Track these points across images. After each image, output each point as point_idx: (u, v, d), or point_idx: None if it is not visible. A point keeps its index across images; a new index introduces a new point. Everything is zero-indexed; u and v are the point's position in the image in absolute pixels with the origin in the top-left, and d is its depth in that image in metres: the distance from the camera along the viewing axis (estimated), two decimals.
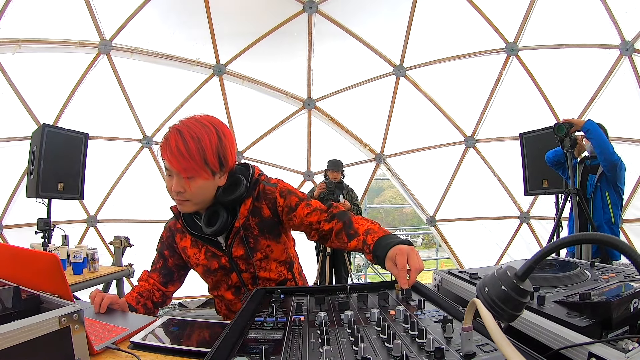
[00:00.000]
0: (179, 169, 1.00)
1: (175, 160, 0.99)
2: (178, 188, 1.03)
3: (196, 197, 1.06)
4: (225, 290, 1.21)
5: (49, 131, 3.06)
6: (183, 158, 0.99)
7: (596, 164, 2.67)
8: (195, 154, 0.99)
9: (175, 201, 1.10)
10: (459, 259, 5.07)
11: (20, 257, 0.93)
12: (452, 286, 0.97)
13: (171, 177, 1.04)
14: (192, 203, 1.07)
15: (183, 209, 1.10)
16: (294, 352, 0.55)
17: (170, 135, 1.02)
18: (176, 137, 1.00)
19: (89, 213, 4.59)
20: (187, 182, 1.02)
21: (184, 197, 1.05)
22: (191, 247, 1.19)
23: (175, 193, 1.05)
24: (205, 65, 4.46)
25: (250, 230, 1.14)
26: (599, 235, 0.43)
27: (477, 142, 4.71)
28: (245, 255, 1.14)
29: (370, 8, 4.22)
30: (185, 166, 0.99)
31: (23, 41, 3.74)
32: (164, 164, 1.04)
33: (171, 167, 1.01)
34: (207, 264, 1.17)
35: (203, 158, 1.00)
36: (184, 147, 0.99)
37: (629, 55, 3.78)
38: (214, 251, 1.16)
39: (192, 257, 1.19)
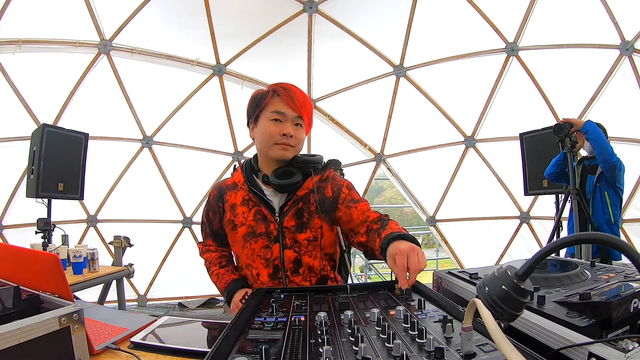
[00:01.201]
0: (300, 112, 1.11)
1: (299, 104, 1.10)
2: (291, 130, 1.10)
3: (298, 145, 1.14)
4: (262, 267, 1.14)
5: (49, 131, 3.06)
6: (304, 105, 1.12)
7: (595, 164, 2.67)
8: (308, 107, 1.14)
9: (279, 147, 1.11)
10: (459, 259, 5.07)
11: (20, 257, 0.93)
12: (452, 286, 0.97)
13: (279, 121, 1.10)
14: (294, 150, 1.13)
15: (285, 154, 1.12)
16: (294, 352, 0.54)
17: (288, 85, 1.15)
18: (299, 90, 1.14)
19: (89, 213, 4.59)
20: (296, 129, 1.12)
21: (291, 141, 1.11)
22: (241, 204, 1.16)
23: (287, 136, 1.10)
24: (205, 65, 4.46)
25: (308, 204, 1.15)
26: (599, 235, 0.43)
27: (477, 142, 4.71)
28: (296, 227, 1.13)
29: (371, 8, 4.22)
30: (303, 113, 1.11)
31: (23, 41, 3.74)
32: (277, 108, 1.10)
33: (292, 108, 1.10)
34: (254, 225, 1.13)
35: (310, 115, 1.16)
36: (308, 101, 1.14)
37: (629, 55, 3.78)
38: (266, 214, 1.13)
39: (239, 215, 1.15)
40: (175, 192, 4.85)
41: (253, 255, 1.14)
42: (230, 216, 1.17)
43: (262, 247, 1.13)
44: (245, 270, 1.20)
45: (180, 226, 4.93)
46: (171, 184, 4.82)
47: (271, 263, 1.14)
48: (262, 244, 1.13)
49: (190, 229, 4.94)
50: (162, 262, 4.83)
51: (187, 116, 4.61)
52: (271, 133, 1.10)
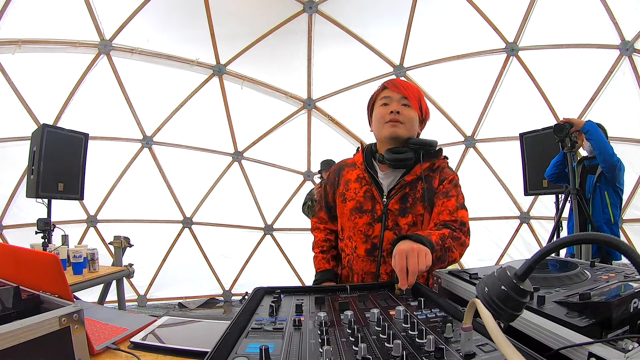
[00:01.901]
0: (403, 93, 1.21)
1: (402, 87, 1.22)
2: (398, 108, 1.20)
3: (408, 123, 1.21)
4: (360, 242, 1.22)
5: (49, 131, 3.06)
6: (407, 88, 1.23)
7: (595, 164, 2.67)
8: (414, 91, 1.25)
9: (388, 125, 1.20)
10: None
11: (20, 257, 0.93)
12: (452, 286, 0.97)
13: (387, 105, 1.22)
14: (404, 127, 1.20)
15: (395, 131, 1.19)
16: (294, 352, 0.55)
17: (395, 79, 1.29)
18: (404, 80, 1.29)
19: (89, 213, 4.59)
20: (403, 108, 1.20)
21: (399, 118, 1.19)
22: (355, 180, 1.26)
23: (394, 113, 1.19)
24: (205, 65, 4.46)
25: (414, 190, 1.20)
26: (599, 235, 0.43)
27: (477, 142, 4.71)
28: (399, 210, 1.19)
29: (370, 8, 4.22)
30: (407, 94, 1.21)
31: (23, 41, 3.74)
32: (384, 95, 1.24)
33: (396, 92, 1.22)
34: (362, 201, 1.22)
35: (418, 98, 1.24)
36: (412, 85, 1.27)
37: (629, 55, 3.78)
38: (375, 193, 1.22)
39: (351, 190, 1.25)
40: (175, 192, 4.85)
41: (355, 229, 1.23)
42: (343, 189, 1.29)
43: (365, 223, 1.21)
44: (346, 241, 1.27)
45: (180, 226, 4.93)
46: (171, 184, 4.82)
47: (370, 240, 1.20)
48: (366, 220, 1.21)
49: (190, 229, 4.94)
50: (162, 262, 4.83)
51: (187, 116, 4.62)
52: (381, 114, 1.22)
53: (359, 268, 1.22)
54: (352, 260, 1.23)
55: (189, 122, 4.65)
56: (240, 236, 5.09)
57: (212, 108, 4.67)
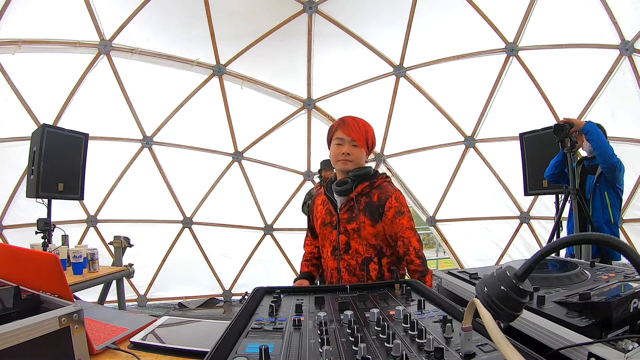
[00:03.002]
0: (354, 137, 1.49)
1: (352, 131, 1.49)
2: (349, 150, 1.49)
3: (356, 160, 1.51)
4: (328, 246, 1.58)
5: (49, 131, 3.07)
6: (356, 131, 1.50)
7: (595, 164, 2.67)
8: (362, 132, 1.51)
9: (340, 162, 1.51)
10: (459, 259, 5.07)
11: (20, 257, 0.93)
12: (452, 286, 0.97)
13: (341, 145, 1.50)
14: (353, 164, 1.51)
15: (346, 167, 1.52)
16: (294, 352, 0.55)
17: (347, 118, 1.54)
18: (355, 119, 1.54)
19: (89, 213, 4.59)
20: (352, 149, 1.50)
21: (349, 158, 1.50)
22: (321, 204, 1.63)
23: (345, 154, 1.49)
24: (205, 65, 4.46)
25: (358, 203, 1.52)
26: (599, 236, 0.43)
27: (477, 142, 4.71)
28: (347, 219, 1.52)
29: (370, 8, 4.22)
30: (358, 136, 1.49)
31: (23, 41, 3.74)
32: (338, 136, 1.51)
33: (348, 136, 1.49)
34: (324, 217, 1.59)
35: (365, 137, 1.52)
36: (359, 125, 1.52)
37: (629, 55, 3.78)
38: (331, 209, 1.58)
39: (318, 211, 1.62)
40: (175, 192, 4.85)
41: (324, 238, 1.60)
42: (315, 212, 1.66)
43: (329, 232, 1.57)
44: (321, 248, 1.64)
45: (180, 226, 4.93)
46: (171, 184, 4.82)
47: (332, 243, 1.56)
48: (329, 230, 1.57)
49: (190, 229, 4.94)
50: (162, 262, 4.83)
51: (187, 116, 4.62)
52: (335, 153, 1.53)
53: (328, 265, 1.59)
54: (326, 260, 1.60)
55: (189, 122, 4.65)
56: (240, 236, 5.09)
57: (212, 108, 4.67)
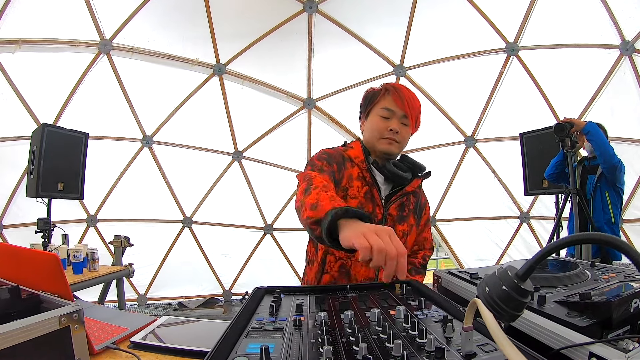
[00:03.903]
0: (406, 111, 1.18)
1: (407, 104, 1.18)
2: (398, 126, 1.18)
3: (402, 142, 1.22)
4: None
5: (49, 131, 3.07)
6: (412, 106, 1.19)
7: (595, 164, 2.67)
8: (416, 109, 1.21)
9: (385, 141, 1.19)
10: (459, 259, 5.07)
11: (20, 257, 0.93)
12: (452, 286, 0.97)
13: (387, 119, 1.19)
14: (399, 146, 1.21)
15: (391, 149, 1.20)
16: (294, 352, 0.54)
17: (399, 86, 1.22)
18: (410, 91, 1.21)
19: (89, 213, 4.59)
20: (402, 127, 1.19)
21: (397, 138, 1.19)
22: (357, 178, 1.18)
23: (393, 132, 1.17)
24: (205, 65, 4.46)
25: (409, 201, 1.26)
26: (599, 235, 0.43)
27: (477, 142, 4.71)
28: (397, 217, 1.21)
29: (371, 8, 4.22)
30: (412, 113, 1.19)
31: (23, 41, 3.74)
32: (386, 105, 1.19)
33: (400, 107, 1.17)
34: (364, 202, 1.17)
35: (417, 115, 1.22)
36: (416, 101, 1.21)
37: (629, 55, 3.78)
38: (375, 196, 1.19)
39: (355, 187, 1.18)
40: (175, 192, 4.85)
41: None
42: (346, 184, 1.17)
43: None
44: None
45: (180, 226, 4.93)
46: (171, 184, 4.82)
47: None
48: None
49: (190, 229, 4.94)
50: (162, 262, 4.83)
51: (187, 116, 4.62)
52: (379, 128, 1.19)
53: (358, 273, 1.15)
54: (350, 265, 1.15)
55: (189, 121, 4.65)
56: (240, 236, 5.09)
57: (212, 108, 4.67)
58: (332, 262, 1.16)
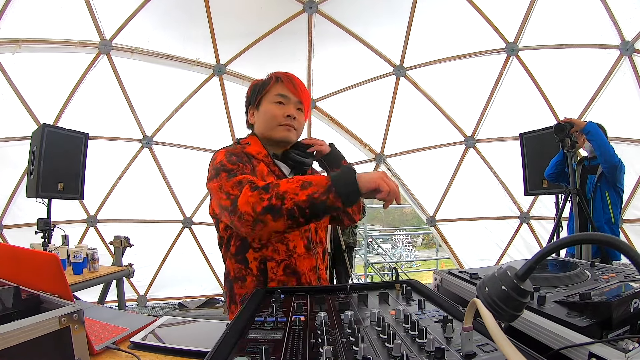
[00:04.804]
0: (300, 97, 1.18)
1: (300, 90, 1.18)
2: (294, 112, 1.16)
3: (299, 129, 1.20)
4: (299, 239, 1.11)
5: (49, 131, 3.07)
6: (304, 92, 1.20)
7: (595, 164, 2.67)
8: (308, 96, 1.23)
9: (283, 128, 1.16)
10: (459, 259, 5.07)
11: (20, 257, 0.93)
12: (452, 286, 0.97)
13: (282, 104, 1.16)
14: (295, 133, 1.19)
15: (289, 135, 1.17)
16: (294, 352, 0.54)
17: (291, 74, 1.23)
18: (296, 77, 1.22)
19: (89, 213, 4.59)
20: (298, 113, 1.18)
21: (294, 124, 1.17)
22: (268, 174, 1.12)
23: (291, 118, 1.15)
24: (205, 65, 4.46)
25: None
26: (599, 235, 0.43)
27: (477, 142, 4.71)
28: None
29: (371, 8, 4.22)
30: (304, 98, 1.20)
31: (23, 41, 3.74)
32: (280, 92, 1.17)
33: (294, 95, 1.17)
34: None
35: (308, 102, 1.23)
36: (305, 89, 1.22)
37: (629, 55, 3.78)
38: None
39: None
40: (175, 192, 4.85)
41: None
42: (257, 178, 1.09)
43: None
44: (276, 244, 1.09)
45: (180, 226, 4.93)
46: (171, 184, 4.82)
47: (304, 236, 1.13)
48: None
49: (190, 229, 4.94)
50: (162, 262, 4.83)
51: (187, 116, 4.62)
52: (275, 114, 1.15)
53: (304, 267, 1.11)
54: (295, 262, 1.09)
55: (189, 122, 4.65)
56: None
57: (212, 108, 4.67)
58: (275, 267, 1.08)
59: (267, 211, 0.85)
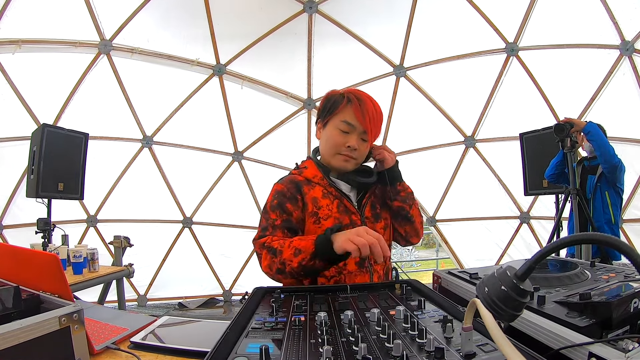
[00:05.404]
0: (367, 127, 1.12)
1: (368, 121, 1.12)
2: (356, 144, 1.13)
3: (359, 159, 1.18)
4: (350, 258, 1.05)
5: (49, 131, 3.06)
6: (377, 123, 1.14)
7: (595, 164, 2.67)
8: (379, 122, 1.16)
9: (341, 158, 1.15)
10: (459, 259, 5.07)
11: (20, 257, 0.93)
12: (452, 286, 0.97)
13: (347, 133, 1.13)
14: (355, 162, 1.17)
15: (346, 166, 1.16)
16: (294, 352, 0.54)
17: (365, 98, 1.15)
18: (374, 103, 1.16)
19: (89, 213, 4.59)
20: (361, 143, 1.14)
21: (354, 154, 1.14)
22: (323, 197, 1.15)
23: (351, 149, 1.13)
24: (205, 65, 4.46)
25: (377, 198, 1.24)
26: (599, 235, 0.43)
27: (477, 142, 4.71)
28: (373, 217, 1.19)
29: (370, 8, 4.22)
30: (375, 131, 1.15)
31: (23, 41, 3.74)
32: (346, 119, 1.13)
33: (360, 124, 1.12)
34: (340, 217, 1.14)
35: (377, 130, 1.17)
36: (379, 115, 1.15)
37: (629, 55, 3.78)
38: (348, 206, 1.17)
39: (324, 208, 1.15)
40: (175, 192, 4.85)
41: None
42: (313, 208, 1.14)
43: None
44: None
45: (180, 226, 4.93)
46: (171, 184, 4.82)
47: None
48: None
49: (190, 229, 4.94)
50: (162, 262, 4.83)
51: (187, 116, 4.62)
52: (336, 143, 1.14)
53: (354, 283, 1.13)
54: (344, 279, 1.12)
55: (189, 122, 4.65)
56: (240, 236, 5.09)
57: (212, 108, 4.66)
58: (325, 283, 1.11)
59: (278, 272, 1.02)
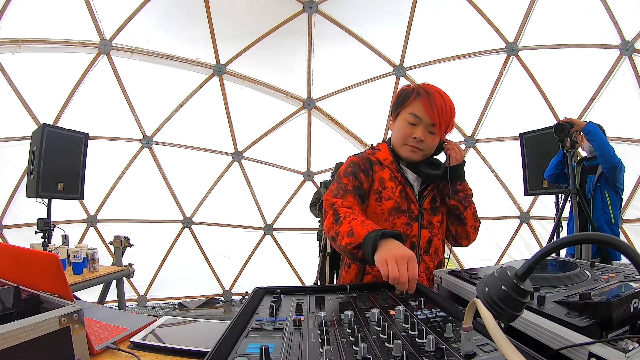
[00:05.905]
0: (435, 120, 1.14)
1: (437, 113, 1.13)
2: (423, 135, 1.16)
3: (426, 150, 1.20)
4: None
5: (49, 131, 3.07)
6: (445, 117, 1.14)
7: (595, 164, 2.67)
8: (448, 116, 1.16)
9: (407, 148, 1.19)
10: (459, 259, 5.07)
11: (20, 257, 0.93)
12: (452, 286, 0.97)
13: (414, 125, 1.17)
14: (422, 154, 1.20)
15: (413, 156, 1.20)
16: (294, 352, 0.54)
17: (434, 91, 1.17)
18: (443, 97, 1.16)
19: (89, 213, 4.59)
20: (428, 135, 1.17)
21: (421, 146, 1.18)
22: (389, 179, 1.22)
23: (417, 140, 1.16)
24: (205, 65, 4.46)
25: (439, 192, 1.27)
26: (599, 235, 0.43)
27: (477, 142, 4.71)
28: (431, 209, 1.23)
29: (371, 8, 4.22)
30: (442, 124, 1.15)
31: (23, 41, 3.74)
32: (414, 111, 1.16)
33: (428, 117, 1.14)
34: (400, 201, 1.20)
35: (448, 124, 1.17)
36: (448, 109, 1.15)
37: (629, 55, 3.78)
38: (409, 194, 1.22)
39: (388, 189, 1.21)
40: (175, 192, 4.85)
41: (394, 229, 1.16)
42: (379, 187, 1.21)
43: (404, 223, 1.20)
44: None
45: (180, 226, 4.93)
46: (171, 184, 4.82)
47: (409, 239, 1.20)
48: (404, 220, 1.20)
49: (190, 229, 4.94)
50: (162, 262, 4.83)
51: (187, 116, 4.62)
52: (404, 134, 1.19)
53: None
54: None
55: (189, 122, 4.65)
56: (240, 236, 5.09)
57: (212, 108, 4.67)
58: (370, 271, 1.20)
59: (332, 240, 1.09)
